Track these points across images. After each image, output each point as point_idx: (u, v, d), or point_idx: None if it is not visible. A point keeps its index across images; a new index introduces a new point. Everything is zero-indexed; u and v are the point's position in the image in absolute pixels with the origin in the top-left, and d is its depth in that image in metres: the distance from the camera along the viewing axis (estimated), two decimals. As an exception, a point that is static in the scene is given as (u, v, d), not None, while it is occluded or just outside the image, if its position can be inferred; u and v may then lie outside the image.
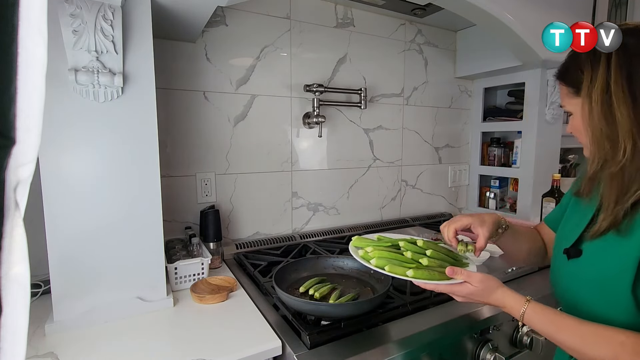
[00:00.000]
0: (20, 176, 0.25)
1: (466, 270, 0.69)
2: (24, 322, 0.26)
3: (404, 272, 0.70)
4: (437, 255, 0.76)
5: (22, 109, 0.24)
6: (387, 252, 0.76)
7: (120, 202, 0.89)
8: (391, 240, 0.83)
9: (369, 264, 0.74)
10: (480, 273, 0.69)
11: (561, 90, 0.69)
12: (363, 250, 0.78)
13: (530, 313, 0.63)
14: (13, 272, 0.25)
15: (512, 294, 0.67)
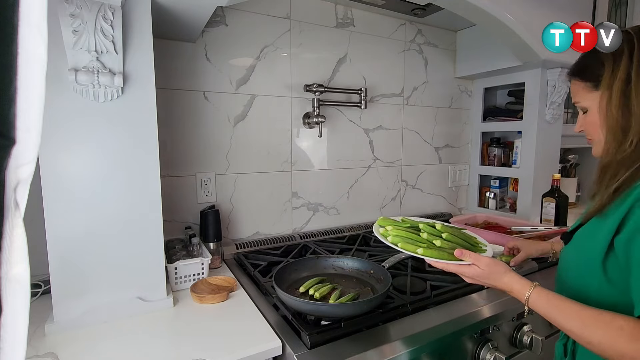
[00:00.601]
0: (20, 176, 0.25)
1: (474, 253, 0.72)
2: (24, 322, 0.26)
3: (415, 250, 0.74)
4: (452, 239, 0.79)
5: (22, 109, 0.24)
6: (405, 232, 0.80)
7: (120, 202, 0.89)
8: (413, 222, 0.86)
9: (386, 240, 0.79)
10: (488, 257, 0.72)
11: (576, 87, 0.70)
12: (384, 229, 0.83)
13: (534, 297, 0.65)
14: (13, 272, 0.25)
15: (519, 279, 0.69)
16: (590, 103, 0.68)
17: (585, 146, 1.35)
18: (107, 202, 0.88)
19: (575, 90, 0.71)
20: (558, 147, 1.81)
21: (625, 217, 0.59)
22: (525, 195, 1.77)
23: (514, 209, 1.85)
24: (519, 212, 1.80)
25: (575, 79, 0.70)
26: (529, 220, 1.70)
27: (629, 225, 0.58)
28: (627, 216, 0.59)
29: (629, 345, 0.54)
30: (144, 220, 0.92)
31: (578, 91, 0.70)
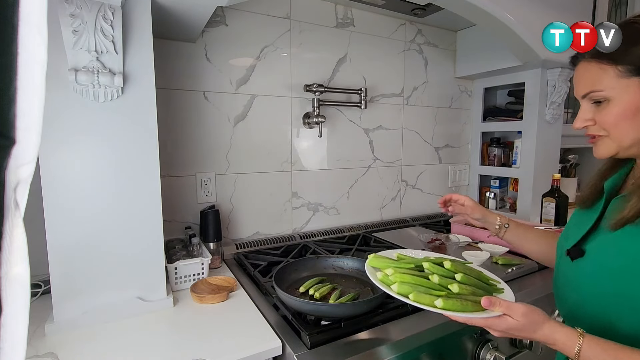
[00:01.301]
0: (20, 176, 0.25)
1: (505, 301, 0.58)
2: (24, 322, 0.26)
3: (432, 302, 0.59)
4: (468, 280, 0.66)
5: (22, 109, 0.24)
6: (410, 276, 0.66)
7: (120, 202, 0.89)
8: (413, 260, 0.74)
9: (389, 289, 0.64)
10: (522, 304, 0.58)
11: (597, 71, 0.59)
12: (382, 273, 0.69)
13: (587, 349, 0.54)
14: (13, 272, 0.25)
15: (561, 328, 0.57)
16: (618, 92, 0.57)
17: (586, 146, 1.35)
18: (107, 202, 0.88)
19: (597, 76, 0.59)
20: (558, 147, 1.81)
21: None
22: (525, 195, 1.77)
23: (514, 209, 1.85)
24: (519, 212, 1.80)
25: (602, 62, 0.58)
26: (529, 220, 1.70)
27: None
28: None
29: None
30: (144, 220, 0.92)
31: (601, 77, 0.58)
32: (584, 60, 0.61)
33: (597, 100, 0.60)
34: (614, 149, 0.61)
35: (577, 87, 0.63)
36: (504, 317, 0.58)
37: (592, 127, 0.63)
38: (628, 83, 0.56)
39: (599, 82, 0.59)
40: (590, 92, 0.60)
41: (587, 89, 0.60)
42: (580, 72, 0.62)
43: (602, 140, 0.62)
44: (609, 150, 0.62)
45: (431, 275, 0.66)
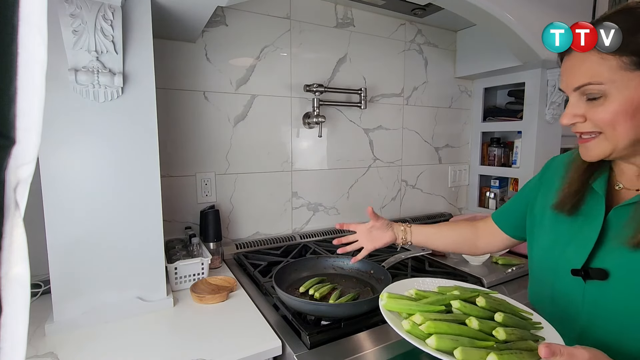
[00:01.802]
0: (20, 176, 0.25)
1: (566, 348, 0.48)
2: (24, 322, 0.26)
3: (484, 359, 0.49)
4: (510, 320, 0.56)
5: (22, 109, 0.24)
6: (446, 324, 0.55)
7: (120, 202, 0.89)
8: (437, 298, 0.63)
9: (424, 344, 0.53)
10: (584, 349, 0.48)
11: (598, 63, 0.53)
12: (409, 322, 0.58)
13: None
14: (13, 272, 0.25)
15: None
16: (618, 87, 0.51)
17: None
18: (107, 202, 0.88)
19: (596, 67, 0.52)
20: (558, 147, 1.81)
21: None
22: (525, 195, 1.77)
23: (514, 209, 1.85)
24: (519, 212, 1.80)
25: (601, 52, 0.52)
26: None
27: None
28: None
29: None
30: (144, 220, 0.92)
31: (601, 69, 0.52)
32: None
33: (593, 94, 0.54)
34: (608, 150, 0.55)
35: (569, 77, 0.56)
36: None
37: (581, 125, 0.56)
38: (631, 77, 0.51)
39: (599, 74, 0.52)
40: (587, 84, 0.53)
41: (584, 81, 0.54)
42: (576, 61, 0.55)
43: (596, 141, 0.56)
44: (603, 152, 0.56)
45: (468, 320, 0.56)
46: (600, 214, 0.60)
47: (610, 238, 0.58)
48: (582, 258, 0.59)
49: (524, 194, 0.80)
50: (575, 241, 0.62)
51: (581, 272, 0.59)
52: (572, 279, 0.60)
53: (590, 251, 0.59)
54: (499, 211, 0.88)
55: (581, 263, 0.59)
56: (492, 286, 1.10)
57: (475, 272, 1.17)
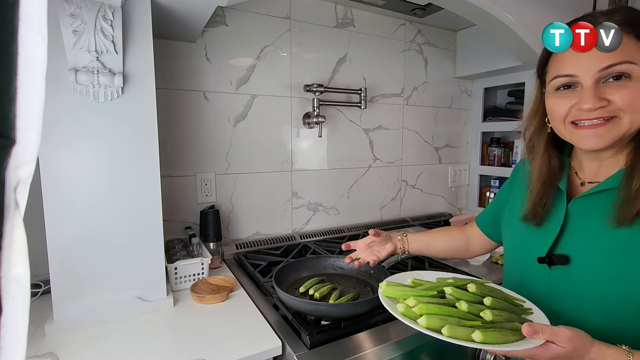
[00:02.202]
0: (20, 176, 0.25)
1: (548, 327, 0.51)
2: (24, 322, 0.26)
3: (469, 336, 0.53)
4: (498, 304, 0.60)
5: (22, 109, 0.24)
6: (436, 306, 0.59)
7: (120, 202, 0.89)
8: (432, 285, 0.68)
9: (415, 324, 0.56)
10: (567, 328, 0.51)
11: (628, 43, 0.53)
12: (403, 305, 0.61)
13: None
14: (13, 272, 0.25)
15: (608, 350, 0.51)
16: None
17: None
18: (107, 202, 0.88)
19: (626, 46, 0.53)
20: (558, 147, 1.81)
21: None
22: (525, 195, 1.77)
23: (514, 209, 1.85)
24: (519, 212, 1.80)
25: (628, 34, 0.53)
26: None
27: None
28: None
29: None
30: (144, 220, 0.92)
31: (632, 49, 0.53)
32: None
33: (623, 73, 0.53)
34: (620, 133, 0.55)
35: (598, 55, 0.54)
36: (549, 345, 0.51)
37: (598, 110, 0.55)
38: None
39: (632, 55, 0.52)
40: (621, 63, 0.52)
41: (619, 59, 0.52)
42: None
43: (612, 124, 0.55)
44: (616, 135, 0.55)
45: (458, 303, 0.59)
46: (562, 206, 0.65)
47: (570, 226, 0.63)
48: (546, 246, 0.64)
49: (500, 197, 0.85)
50: (541, 232, 0.67)
51: (546, 259, 0.64)
52: (539, 266, 0.65)
53: (554, 240, 0.64)
54: (481, 215, 0.91)
55: (545, 251, 0.64)
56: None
57: (475, 272, 1.17)
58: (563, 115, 0.59)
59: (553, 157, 0.68)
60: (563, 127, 0.61)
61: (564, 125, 0.61)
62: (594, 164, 0.64)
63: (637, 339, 0.54)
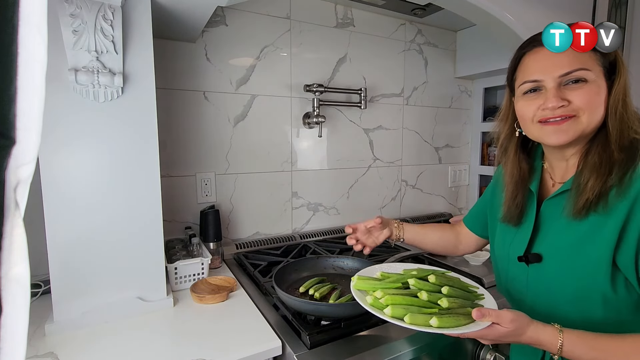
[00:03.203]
0: (20, 176, 0.25)
1: (494, 310, 0.60)
2: (24, 322, 0.26)
3: (427, 322, 0.60)
4: (455, 292, 0.68)
5: (22, 109, 0.24)
6: (401, 297, 0.66)
7: (120, 202, 0.89)
8: (398, 277, 0.75)
9: (382, 314, 0.63)
10: (508, 311, 0.60)
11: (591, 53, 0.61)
12: (372, 297, 0.68)
13: (568, 344, 0.57)
14: (13, 272, 0.25)
15: (544, 328, 0.59)
16: (595, 78, 0.60)
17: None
18: (107, 202, 0.88)
19: (583, 55, 0.61)
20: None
21: (626, 227, 0.56)
22: (525, 195, 1.77)
23: (514, 209, 1.85)
24: (519, 212, 1.80)
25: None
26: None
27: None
28: (629, 226, 0.56)
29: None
30: (144, 220, 0.92)
31: (588, 58, 0.60)
32: None
33: (580, 78, 0.60)
34: (579, 131, 0.62)
35: (553, 64, 0.62)
36: (494, 326, 0.59)
37: (560, 109, 0.62)
38: (600, 72, 0.61)
39: (588, 62, 0.60)
40: (578, 70, 0.60)
41: (577, 65, 0.60)
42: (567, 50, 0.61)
43: (571, 122, 0.62)
44: (575, 133, 0.62)
45: (419, 293, 0.67)
46: (533, 206, 0.71)
47: (543, 226, 0.69)
48: (523, 246, 0.70)
49: (485, 197, 0.90)
50: (519, 233, 0.72)
51: (523, 258, 0.70)
52: (519, 265, 0.71)
53: (531, 240, 0.69)
54: (468, 215, 0.96)
55: (522, 251, 0.70)
56: (492, 286, 1.10)
57: (475, 272, 1.17)
58: (531, 115, 0.65)
59: (522, 160, 0.74)
60: (532, 126, 0.66)
61: (533, 124, 0.66)
62: (562, 164, 0.70)
63: (605, 324, 0.61)
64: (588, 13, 1.62)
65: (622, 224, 0.57)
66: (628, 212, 0.57)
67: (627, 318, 0.61)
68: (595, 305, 0.61)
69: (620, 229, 0.57)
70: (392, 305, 0.63)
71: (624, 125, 0.60)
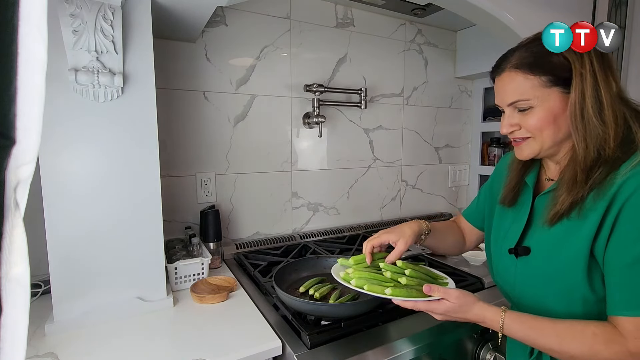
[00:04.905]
0: (20, 176, 0.25)
1: (443, 287, 0.68)
2: (24, 322, 0.26)
3: (382, 291, 0.70)
4: (416, 274, 0.77)
5: (22, 109, 0.24)
6: (367, 273, 0.76)
7: (120, 202, 0.89)
8: (374, 262, 0.82)
9: (349, 284, 0.74)
10: (456, 290, 0.68)
11: (521, 81, 0.63)
12: (345, 272, 0.79)
13: (508, 322, 0.63)
14: (13, 272, 0.25)
15: (489, 307, 0.66)
16: (541, 100, 0.62)
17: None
18: (107, 202, 0.88)
19: (523, 86, 0.63)
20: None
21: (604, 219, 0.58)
22: (525, 195, 1.77)
23: (514, 209, 1.85)
24: (519, 212, 1.80)
25: (526, 73, 0.62)
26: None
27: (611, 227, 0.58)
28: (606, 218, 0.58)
29: (605, 349, 0.55)
30: (144, 220, 0.92)
31: (527, 87, 0.63)
32: (509, 70, 0.65)
33: (522, 107, 0.65)
34: (536, 150, 0.66)
35: (502, 95, 0.67)
36: (442, 301, 0.66)
37: (517, 132, 0.67)
38: (549, 92, 0.62)
39: (525, 92, 0.63)
40: (517, 101, 0.64)
41: (514, 98, 0.65)
42: (506, 81, 0.66)
43: (527, 143, 0.67)
44: (532, 152, 0.67)
45: (385, 272, 0.76)
46: (528, 201, 0.73)
47: (534, 221, 0.71)
48: (514, 239, 0.72)
49: (484, 189, 0.93)
50: (513, 226, 0.75)
51: (513, 251, 0.72)
52: (509, 257, 0.73)
53: (522, 233, 0.72)
54: (469, 209, 0.98)
55: (514, 243, 0.72)
56: (492, 286, 1.10)
57: (475, 272, 1.17)
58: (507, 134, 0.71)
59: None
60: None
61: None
62: (552, 164, 0.73)
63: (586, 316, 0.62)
64: (588, 13, 1.62)
65: (600, 219, 0.59)
66: (605, 210, 0.58)
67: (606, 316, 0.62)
68: (576, 303, 0.63)
69: (598, 224, 0.59)
70: (357, 278, 0.74)
71: (589, 136, 0.60)
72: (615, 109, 0.60)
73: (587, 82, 0.59)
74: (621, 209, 0.57)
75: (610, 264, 0.58)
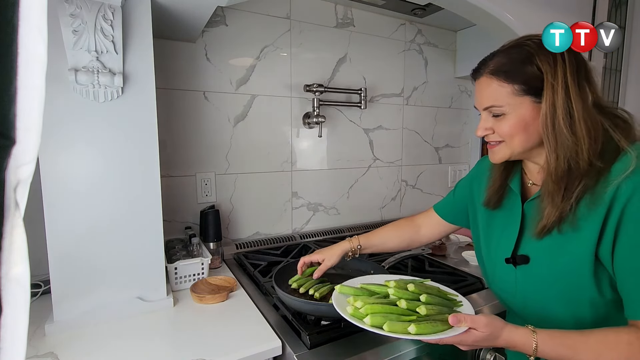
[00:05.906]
0: (20, 176, 0.25)
1: (469, 315, 0.62)
2: (24, 322, 0.26)
3: (405, 329, 0.61)
4: (433, 300, 0.69)
5: (22, 109, 0.24)
6: (380, 306, 0.67)
7: (120, 202, 0.89)
8: (375, 287, 0.76)
9: (362, 323, 0.64)
10: (483, 316, 0.61)
11: (496, 88, 0.64)
12: (352, 307, 0.68)
13: (542, 345, 0.58)
14: (13, 272, 0.25)
15: (517, 330, 0.61)
16: (513, 108, 0.63)
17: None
18: (107, 202, 0.88)
19: (497, 93, 0.64)
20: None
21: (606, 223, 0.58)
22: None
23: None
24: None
25: (501, 80, 0.63)
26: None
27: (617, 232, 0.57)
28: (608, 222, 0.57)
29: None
30: (144, 220, 0.92)
31: (500, 94, 0.63)
32: (486, 75, 0.65)
33: (496, 113, 0.65)
34: (508, 154, 0.67)
35: (479, 99, 0.68)
36: (470, 331, 0.60)
37: (491, 135, 0.68)
38: (521, 100, 0.63)
39: (498, 99, 0.64)
40: (491, 107, 0.65)
41: (489, 103, 0.66)
42: (483, 86, 0.66)
43: (499, 147, 0.68)
44: (504, 155, 0.68)
45: (398, 301, 0.68)
46: (518, 207, 0.72)
47: (527, 227, 0.70)
48: (510, 248, 0.71)
49: (461, 186, 0.94)
50: (505, 233, 0.74)
51: (511, 260, 0.71)
52: (506, 266, 0.72)
53: (516, 241, 0.71)
54: (441, 203, 0.99)
55: (510, 252, 0.71)
56: (492, 286, 1.10)
57: (475, 272, 1.17)
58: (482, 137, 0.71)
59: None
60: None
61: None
62: (531, 166, 0.73)
63: (595, 323, 0.62)
64: (588, 13, 1.62)
65: (601, 224, 0.58)
66: (605, 215, 0.58)
67: (615, 319, 0.61)
68: (584, 306, 0.62)
69: (599, 230, 0.58)
70: (372, 314, 0.64)
71: (560, 147, 0.60)
72: (588, 122, 0.59)
73: (558, 94, 0.59)
74: (623, 212, 0.56)
75: (624, 269, 0.57)
